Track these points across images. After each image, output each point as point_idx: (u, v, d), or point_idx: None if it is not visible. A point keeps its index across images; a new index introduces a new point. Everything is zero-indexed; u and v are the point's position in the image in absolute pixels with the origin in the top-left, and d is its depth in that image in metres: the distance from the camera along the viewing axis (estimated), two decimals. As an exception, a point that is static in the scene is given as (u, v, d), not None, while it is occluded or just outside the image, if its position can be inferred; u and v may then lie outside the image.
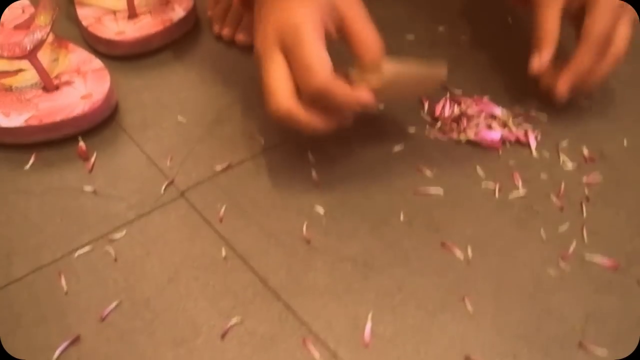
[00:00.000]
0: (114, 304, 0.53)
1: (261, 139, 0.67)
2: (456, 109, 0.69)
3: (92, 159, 0.66)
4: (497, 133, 0.66)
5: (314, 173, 0.64)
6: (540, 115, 0.69)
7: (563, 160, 0.65)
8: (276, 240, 0.58)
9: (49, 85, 0.70)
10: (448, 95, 0.71)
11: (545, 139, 0.67)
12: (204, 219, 0.60)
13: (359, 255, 0.57)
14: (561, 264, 0.56)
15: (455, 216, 0.60)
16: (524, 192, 0.62)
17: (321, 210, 0.61)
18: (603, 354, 0.50)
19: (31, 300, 0.54)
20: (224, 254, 0.57)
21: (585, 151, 0.66)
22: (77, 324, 0.52)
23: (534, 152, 0.66)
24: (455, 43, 0.79)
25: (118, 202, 0.62)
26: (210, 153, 0.66)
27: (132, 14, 0.81)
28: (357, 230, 0.59)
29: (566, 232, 0.59)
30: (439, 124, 0.69)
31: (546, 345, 0.51)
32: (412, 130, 0.68)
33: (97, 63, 0.73)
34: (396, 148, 0.66)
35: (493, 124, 0.67)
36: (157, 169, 0.65)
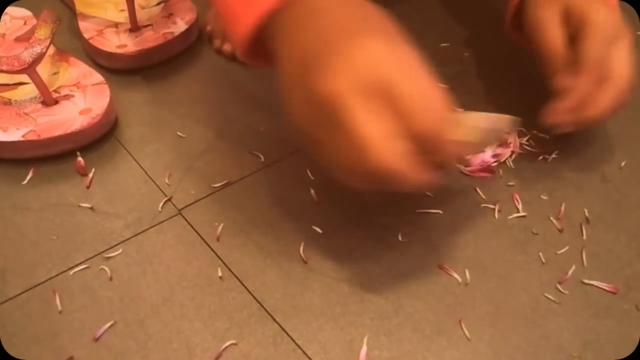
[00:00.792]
0: (108, 325, 0.53)
1: (260, 156, 0.67)
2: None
3: (91, 175, 0.66)
4: (487, 154, 0.66)
5: (312, 192, 0.63)
6: (542, 135, 0.68)
7: (564, 181, 0.64)
8: (273, 260, 0.58)
9: (48, 99, 0.70)
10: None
11: (548, 160, 0.67)
12: (201, 237, 0.60)
13: (356, 277, 0.57)
14: (559, 288, 0.56)
15: (454, 237, 0.60)
16: (524, 214, 0.61)
17: (319, 230, 0.60)
18: (600, 381, 0.50)
19: (25, 320, 0.54)
20: (220, 273, 0.57)
21: (586, 172, 0.65)
22: (71, 345, 0.52)
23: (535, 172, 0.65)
24: (458, 60, 0.79)
25: (115, 219, 0.61)
26: (209, 169, 0.66)
27: (134, 27, 0.81)
28: (354, 251, 0.59)
29: (565, 255, 0.58)
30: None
31: (543, 372, 0.51)
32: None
33: (97, 77, 0.73)
34: (396, 167, 0.66)
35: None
36: (155, 185, 0.64)
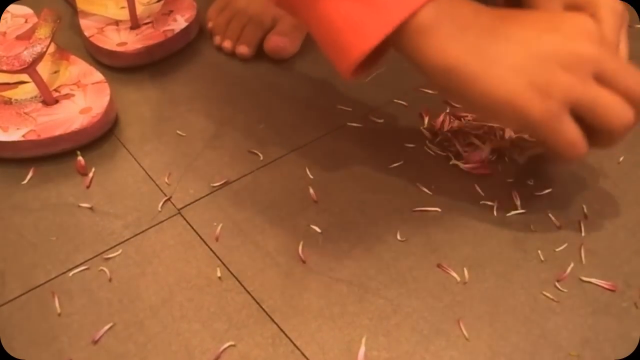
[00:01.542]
0: (107, 327, 0.53)
1: (259, 154, 0.67)
2: (456, 124, 0.68)
3: (90, 174, 0.66)
4: (484, 151, 0.65)
5: (311, 191, 0.63)
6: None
7: (562, 176, 0.64)
8: (271, 260, 0.58)
9: (49, 98, 0.70)
10: (448, 109, 0.70)
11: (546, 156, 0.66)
12: (200, 237, 0.60)
13: (355, 276, 0.57)
14: (558, 286, 0.56)
15: (453, 235, 0.60)
16: (523, 210, 0.61)
17: (318, 229, 0.60)
18: (598, 380, 0.50)
19: (23, 323, 0.54)
20: (219, 274, 0.57)
21: (584, 168, 0.65)
22: (70, 347, 0.52)
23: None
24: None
25: (115, 219, 0.62)
26: (209, 168, 0.66)
27: (134, 25, 0.81)
28: (353, 250, 0.59)
29: (564, 252, 0.58)
30: (439, 139, 0.68)
31: (540, 372, 0.51)
32: (411, 145, 0.68)
33: (98, 76, 0.73)
34: (395, 164, 0.66)
35: (478, 142, 0.67)
36: (154, 185, 0.65)
